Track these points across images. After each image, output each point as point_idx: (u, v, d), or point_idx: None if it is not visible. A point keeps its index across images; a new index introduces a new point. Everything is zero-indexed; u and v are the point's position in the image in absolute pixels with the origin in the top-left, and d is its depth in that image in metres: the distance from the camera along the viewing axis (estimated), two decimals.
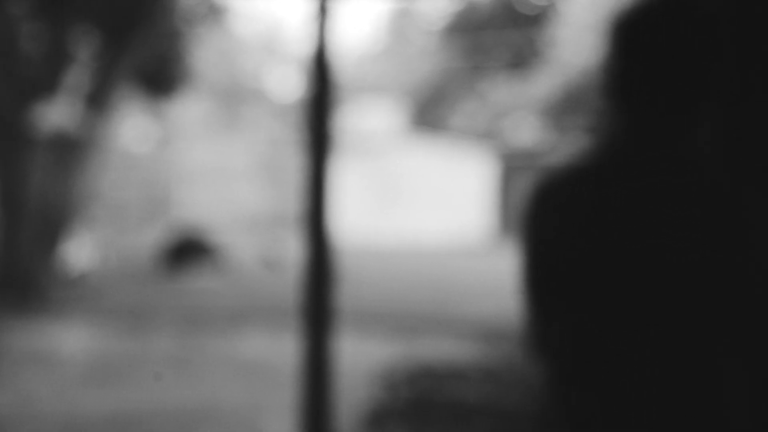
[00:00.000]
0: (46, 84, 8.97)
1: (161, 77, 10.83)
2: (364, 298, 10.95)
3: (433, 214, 18.65)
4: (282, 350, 7.85)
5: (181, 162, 21.01)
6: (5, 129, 8.92)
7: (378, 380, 5.19)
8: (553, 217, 1.44)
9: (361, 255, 15.58)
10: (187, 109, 23.65)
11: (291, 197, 20.23)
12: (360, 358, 7.56)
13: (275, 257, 12.74)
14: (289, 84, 26.79)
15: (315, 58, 2.57)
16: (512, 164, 19.79)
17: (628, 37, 1.40)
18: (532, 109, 20.41)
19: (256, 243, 17.49)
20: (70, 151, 9.43)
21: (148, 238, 17.57)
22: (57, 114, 9.04)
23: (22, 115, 8.84)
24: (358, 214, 18.78)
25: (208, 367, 7.25)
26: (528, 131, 24.12)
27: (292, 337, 8.40)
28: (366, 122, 27.26)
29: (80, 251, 12.25)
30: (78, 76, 10.63)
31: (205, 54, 20.44)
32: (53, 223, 9.46)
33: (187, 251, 12.39)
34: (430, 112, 26.88)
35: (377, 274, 13.41)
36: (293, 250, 16.32)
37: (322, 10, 2.55)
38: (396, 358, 7.56)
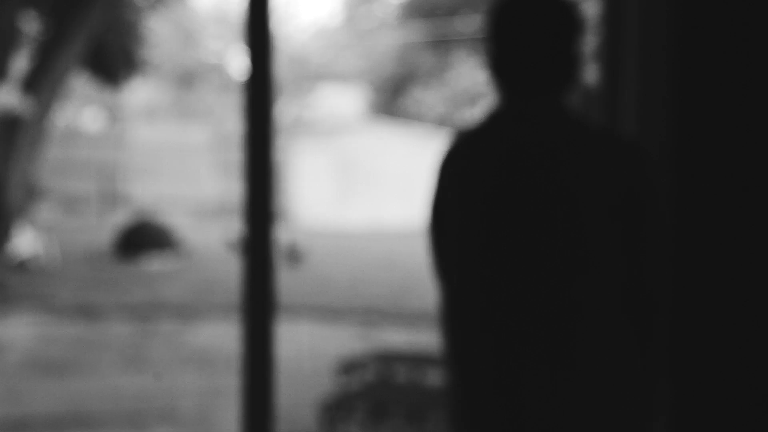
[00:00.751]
0: None
1: (108, 62, 10.59)
2: (327, 284, 10.81)
3: (394, 198, 18.62)
4: (234, 335, 7.72)
5: (136, 142, 20.66)
6: None
7: (340, 365, 5.14)
8: (444, 169, 1.78)
9: (324, 238, 15.44)
10: (142, 89, 23.22)
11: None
12: (321, 344, 7.46)
13: (236, 241, 12.49)
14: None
15: (252, 30, 2.41)
16: None
17: (498, 25, 1.76)
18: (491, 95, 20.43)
19: (215, 226, 17.27)
20: (15, 133, 9.16)
21: (103, 222, 17.26)
22: (2, 97, 8.76)
23: None
24: (319, 198, 18.66)
25: (160, 353, 7.07)
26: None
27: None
28: (327, 107, 27.10)
29: (28, 236, 11.94)
30: (23, 59, 10.37)
31: (158, 31, 20.08)
32: (1, 206, 9.18)
33: (142, 235, 12.06)
34: (390, 97, 26.79)
35: (340, 257, 13.26)
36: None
37: None
38: (357, 343, 7.49)
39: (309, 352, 7.27)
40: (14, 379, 6.28)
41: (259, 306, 2.47)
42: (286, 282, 10.57)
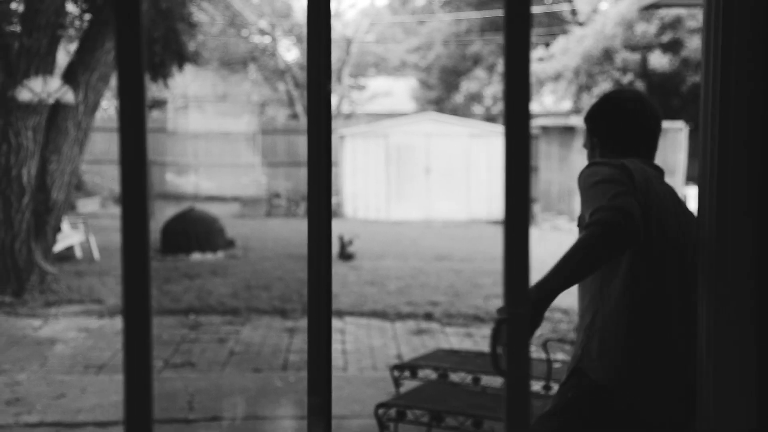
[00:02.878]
0: (34, 58, 8.58)
1: (156, 53, 10.48)
2: (380, 281, 10.62)
3: (447, 192, 18.40)
4: (281, 331, 7.56)
5: (182, 133, 20.65)
6: (0, 104, 8.57)
7: (398, 365, 4.96)
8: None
9: (376, 233, 15.26)
10: (188, 78, 23.22)
11: (292, 171, 19.89)
12: (376, 343, 7.27)
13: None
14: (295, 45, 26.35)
15: (313, 20, 2.19)
16: (534, 135, 19.47)
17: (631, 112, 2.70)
18: (548, 80, 19.98)
19: (263, 218, 17.18)
20: (62, 126, 9.08)
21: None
22: (47, 88, 8.68)
23: (11, 89, 8.49)
24: (371, 192, 18.50)
25: (207, 349, 6.93)
26: (545, 102, 23.72)
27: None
28: (379, 99, 26.93)
29: (74, 229, 11.91)
30: (69, 51, 10.30)
31: (206, 19, 20.01)
32: (46, 200, 9.12)
33: (189, 227, 11.93)
34: (444, 90, 26.54)
35: (392, 252, 13.05)
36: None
37: None
38: (412, 342, 7.29)
39: (363, 351, 7.08)
40: (62, 375, 6.19)
41: (319, 304, 2.26)
42: (339, 279, 10.39)
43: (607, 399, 2.37)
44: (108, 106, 23.79)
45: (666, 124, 17.15)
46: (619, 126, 2.67)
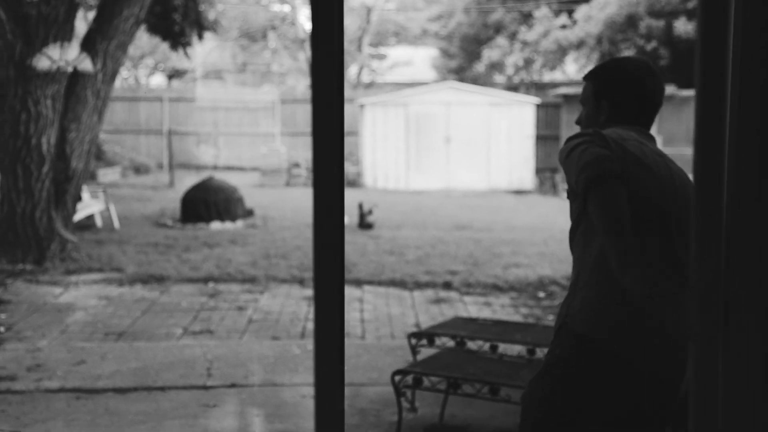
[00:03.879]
0: (53, 26, 8.57)
1: (176, 23, 10.45)
2: (399, 250, 10.60)
3: (466, 162, 18.30)
4: (299, 300, 7.57)
5: (202, 103, 20.64)
6: (18, 71, 8.57)
7: (415, 333, 4.96)
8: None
9: (395, 202, 15.22)
10: (208, 48, 23.16)
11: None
12: (394, 311, 7.27)
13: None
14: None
15: None
16: (553, 105, 19.32)
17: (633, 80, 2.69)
18: (571, 48, 19.77)
19: (283, 188, 17.19)
20: (82, 94, 9.08)
21: (169, 184, 17.32)
22: (66, 56, 8.67)
23: (30, 57, 8.49)
24: (390, 161, 18.44)
25: (226, 317, 6.95)
26: (567, 70, 23.47)
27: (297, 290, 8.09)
28: (399, 68, 26.76)
29: (94, 198, 11.96)
30: (87, 19, 10.27)
31: None
32: (66, 169, 9.15)
33: (209, 197, 11.94)
34: (465, 59, 26.32)
35: (411, 222, 13.02)
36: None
37: None
38: (431, 310, 7.28)
39: (381, 319, 7.08)
40: (82, 342, 6.23)
41: (330, 274, 2.21)
42: (358, 248, 10.37)
43: (592, 350, 2.43)
44: (128, 76, 23.79)
45: (690, 92, 16.93)
46: (628, 95, 2.68)
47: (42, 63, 8.47)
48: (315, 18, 2.15)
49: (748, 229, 1.86)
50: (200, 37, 11.69)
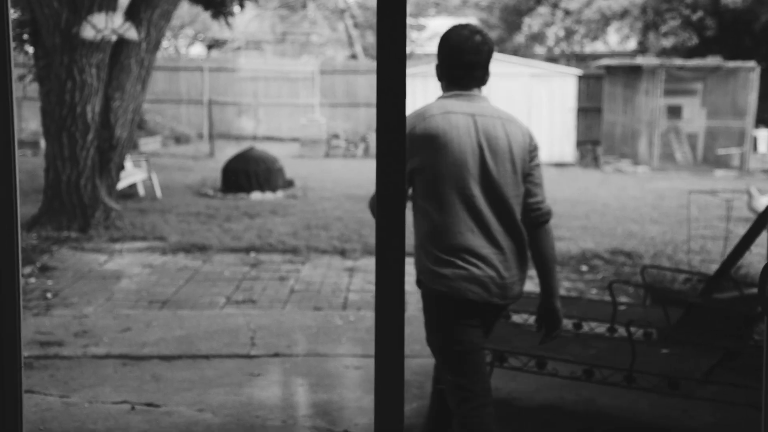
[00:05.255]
0: None
1: None
2: None
3: None
4: (340, 271, 7.58)
5: (242, 74, 20.67)
6: (64, 39, 8.63)
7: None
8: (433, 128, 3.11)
9: None
10: (248, 18, 23.14)
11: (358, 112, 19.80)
12: None
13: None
14: None
15: None
16: (595, 76, 19.06)
17: (452, 46, 3.13)
18: (614, 17, 19.45)
19: (322, 159, 17.20)
20: (125, 63, 9.12)
21: (209, 154, 17.41)
22: (110, 24, 8.70)
23: (75, 26, 8.54)
24: None
25: (268, 287, 6.99)
26: (609, 41, 23.13)
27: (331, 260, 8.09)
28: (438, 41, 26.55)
29: (136, 167, 12.05)
30: None
31: None
32: (110, 138, 9.22)
33: (250, 167, 11.98)
34: (505, 30, 26.03)
35: None
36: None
37: None
38: None
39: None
40: (127, 309, 6.30)
41: (391, 246, 2.21)
42: None
43: (431, 291, 3.07)
44: (168, 45, 23.88)
45: (736, 63, 16.60)
46: (442, 61, 3.14)
47: (87, 31, 8.52)
48: None
49: None
50: (242, 6, 11.67)
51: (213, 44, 24.73)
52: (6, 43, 2.09)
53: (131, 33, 8.88)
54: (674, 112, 17.09)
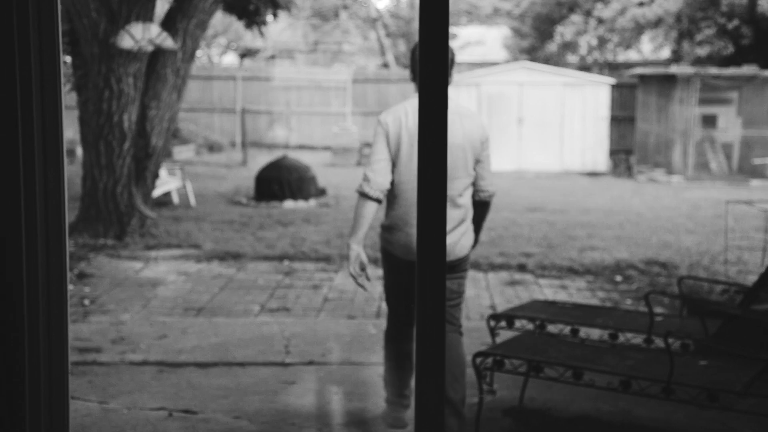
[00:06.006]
0: (135, 5, 8.71)
1: (251, 3, 10.53)
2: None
3: (539, 143, 18.10)
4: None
5: (275, 83, 20.79)
6: (101, 49, 8.75)
7: (494, 315, 4.93)
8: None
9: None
10: (280, 28, 23.28)
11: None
12: (470, 293, 7.24)
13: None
14: None
15: None
16: (628, 85, 18.95)
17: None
18: (648, 26, 19.32)
19: (355, 167, 17.25)
20: (162, 73, 9.22)
21: (242, 162, 17.52)
22: (147, 34, 8.81)
23: (113, 36, 8.65)
24: None
25: (302, 295, 7.02)
26: (643, 50, 22.98)
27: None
28: (470, 49, 26.55)
29: (170, 175, 12.16)
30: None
31: None
32: (146, 146, 9.32)
33: (283, 176, 12.04)
34: (537, 39, 25.96)
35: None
36: None
37: None
38: (506, 293, 7.24)
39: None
40: (163, 316, 6.36)
41: (432, 258, 2.22)
42: None
43: (388, 253, 4.27)
44: (201, 54, 24.09)
45: None
46: (412, 65, 4.11)
47: (125, 41, 8.63)
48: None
49: None
50: (275, 15, 11.76)
51: (245, 53, 24.92)
52: (56, 51, 2.13)
53: (168, 42, 8.98)
54: (709, 121, 16.93)
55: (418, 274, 2.10)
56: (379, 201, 4.02)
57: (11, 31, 2.05)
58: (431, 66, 2.10)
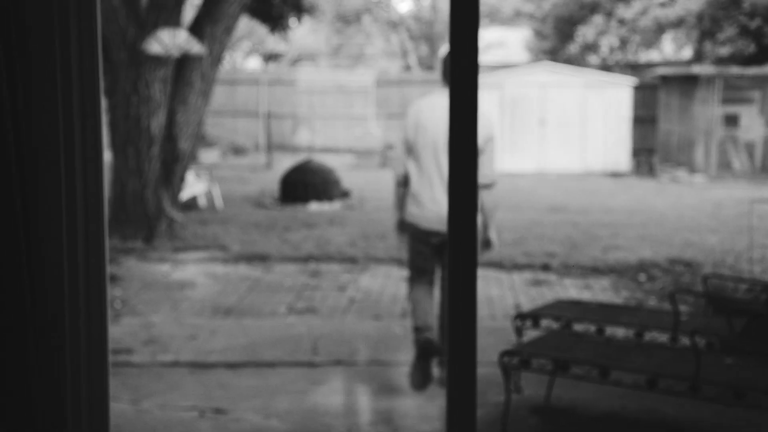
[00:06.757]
0: (163, 11, 8.84)
1: (275, 7, 10.65)
2: (498, 230, 10.58)
3: (561, 144, 18.10)
4: (398, 280, 7.66)
5: (298, 86, 20.91)
6: (130, 55, 8.88)
7: (520, 314, 5.00)
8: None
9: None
10: (303, 31, 23.39)
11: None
12: (494, 293, 7.30)
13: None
14: None
15: None
16: (650, 86, 18.89)
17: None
18: (669, 26, 19.26)
19: (379, 170, 17.34)
20: (189, 78, 9.34)
21: (267, 166, 17.65)
22: (175, 40, 8.93)
23: (141, 41, 8.78)
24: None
25: (328, 297, 7.10)
26: (664, 50, 22.90)
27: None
28: (492, 50, 26.56)
29: (197, 179, 12.29)
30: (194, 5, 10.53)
31: None
32: (174, 150, 9.45)
33: (307, 179, 12.15)
34: (558, 40, 25.93)
35: (507, 203, 12.98)
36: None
37: None
38: (530, 293, 7.29)
39: (481, 300, 7.09)
40: (192, 318, 6.46)
41: (463, 258, 2.28)
42: None
43: (412, 226, 4.89)
44: (226, 59, 24.27)
45: None
46: (444, 69, 4.69)
47: (153, 47, 8.75)
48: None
49: None
50: (299, 20, 11.87)
51: (269, 57, 25.08)
52: (95, 55, 2.21)
53: (195, 48, 9.10)
54: (731, 120, 16.86)
55: (451, 248, 2.15)
56: (401, 184, 4.89)
57: (53, 37, 2.11)
58: (465, 62, 2.16)
